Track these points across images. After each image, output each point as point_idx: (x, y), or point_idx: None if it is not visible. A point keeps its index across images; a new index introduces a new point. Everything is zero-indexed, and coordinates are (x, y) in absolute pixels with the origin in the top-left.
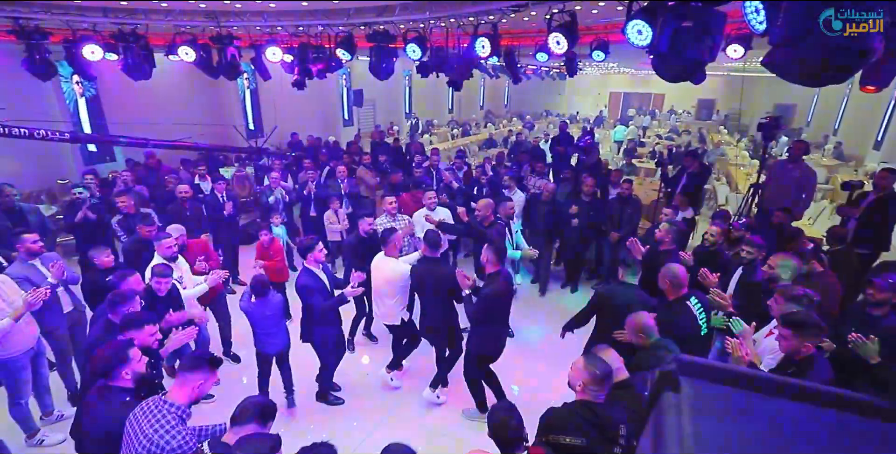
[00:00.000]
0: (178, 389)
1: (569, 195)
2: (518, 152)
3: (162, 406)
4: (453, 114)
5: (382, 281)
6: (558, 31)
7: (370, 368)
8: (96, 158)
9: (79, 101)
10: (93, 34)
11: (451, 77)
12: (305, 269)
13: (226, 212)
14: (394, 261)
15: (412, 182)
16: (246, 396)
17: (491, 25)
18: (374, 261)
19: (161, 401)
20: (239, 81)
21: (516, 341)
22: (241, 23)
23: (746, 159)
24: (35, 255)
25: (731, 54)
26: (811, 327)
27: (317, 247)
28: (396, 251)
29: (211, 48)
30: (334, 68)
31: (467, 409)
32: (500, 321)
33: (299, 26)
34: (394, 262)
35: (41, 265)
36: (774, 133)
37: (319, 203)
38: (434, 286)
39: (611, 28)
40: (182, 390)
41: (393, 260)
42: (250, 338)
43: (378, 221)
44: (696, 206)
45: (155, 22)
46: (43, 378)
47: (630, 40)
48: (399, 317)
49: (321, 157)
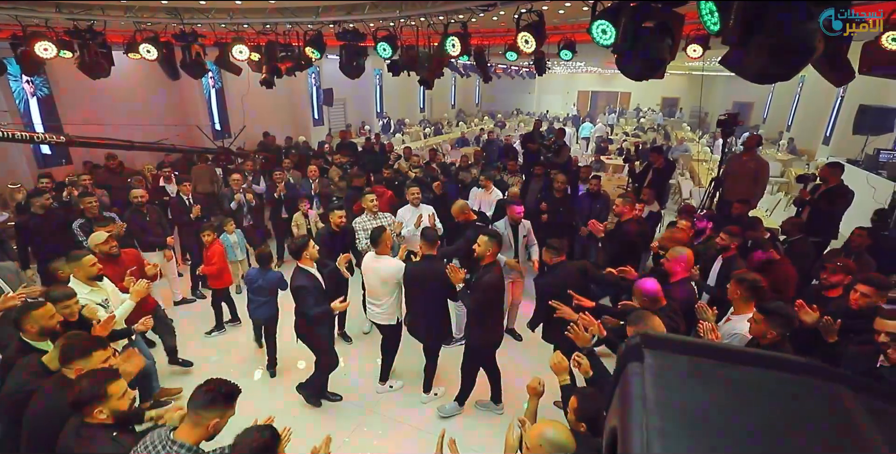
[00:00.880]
0: (190, 428)
1: (540, 192)
2: (490, 150)
3: (171, 447)
4: (425, 113)
5: (378, 281)
6: (526, 30)
7: (348, 369)
8: (51, 161)
9: (30, 100)
10: (45, 30)
11: (422, 75)
12: (300, 269)
13: (192, 215)
14: (389, 258)
15: (384, 181)
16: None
17: (461, 24)
18: (366, 261)
19: (169, 441)
20: (204, 80)
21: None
22: (206, 20)
23: (708, 155)
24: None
25: (691, 54)
26: (780, 317)
27: (309, 245)
28: (389, 249)
29: (174, 46)
30: (304, 67)
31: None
32: (498, 312)
33: (266, 24)
34: (389, 260)
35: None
36: (733, 129)
37: (290, 204)
38: (431, 284)
39: (577, 28)
40: (195, 429)
41: (388, 258)
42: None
43: (358, 220)
44: (663, 200)
45: (113, 18)
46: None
47: (595, 40)
48: (396, 317)
49: (292, 157)
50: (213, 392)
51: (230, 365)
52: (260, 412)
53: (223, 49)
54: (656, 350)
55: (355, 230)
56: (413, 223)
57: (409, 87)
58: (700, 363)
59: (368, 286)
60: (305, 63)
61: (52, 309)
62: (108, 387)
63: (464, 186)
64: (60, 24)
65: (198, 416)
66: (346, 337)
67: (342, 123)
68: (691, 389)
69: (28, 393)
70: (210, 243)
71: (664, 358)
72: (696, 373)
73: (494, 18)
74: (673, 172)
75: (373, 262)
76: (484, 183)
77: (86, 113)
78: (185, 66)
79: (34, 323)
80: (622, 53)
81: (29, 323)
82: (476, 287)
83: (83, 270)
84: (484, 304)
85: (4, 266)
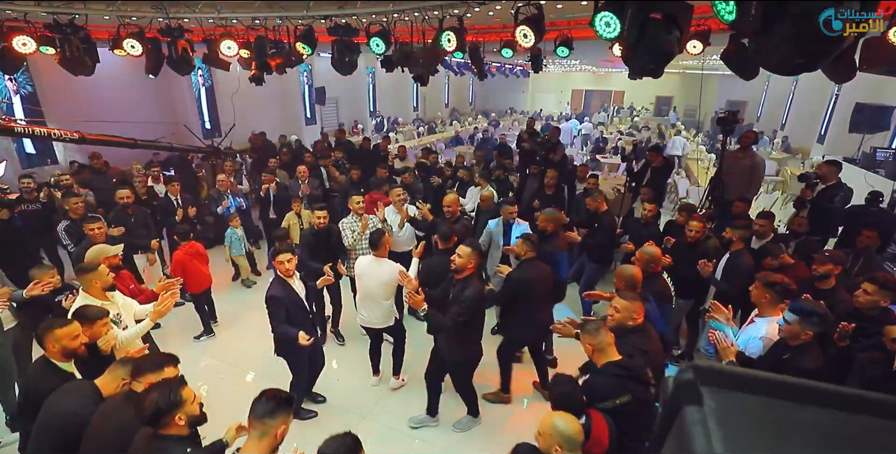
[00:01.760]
0: (257, 441)
1: (535, 191)
2: (485, 149)
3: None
4: (418, 112)
5: (377, 284)
6: (525, 23)
7: (340, 373)
8: (36, 161)
9: (13, 97)
10: (24, 25)
11: (416, 72)
12: (277, 278)
13: (178, 217)
14: (388, 262)
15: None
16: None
17: (456, 19)
18: (362, 266)
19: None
20: (193, 78)
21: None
22: (193, 15)
23: (703, 153)
24: None
25: (691, 50)
26: (818, 316)
27: (280, 257)
28: (387, 252)
29: (160, 42)
30: (294, 63)
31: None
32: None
33: (255, 19)
34: (389, 264)
35: None
36: (733, 127)
37: (279, 205)
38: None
39: (574, 24)
40: (262, 441)
41: (387, 261)
42: None
43: (345, 221)
44: (660, 199)
45: (95, 12)
46: None
47: (598, 33)
48: (393, 318)
49: (282, 155)
50: (274, 399)
51: (221, 369)
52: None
53: (211, 45)
54: (715, 387)
55: (341, 229)
56: (398, 223)
57: (403, 85)
58: (773, 404)
59: (365, 291)
60: (296, 59)
61: (78, 328)
62: (182, 393)
63: (461, 185)
64: (40, 18)
65: (264, 426)
66: (338, 335)
67: (335, 122)
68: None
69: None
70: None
71: (728, 399)
72: (771, 419)
73: (490, 13)
74: (671, 171)
75: (372, 266)
76: (479, 182)
77: (71, 111)
78: (172, 63)
79: (56, 342)
80: (627, 46)
81: (50, 341)
82: (455, 301)
83: (100, 280)
84: (465, 320)
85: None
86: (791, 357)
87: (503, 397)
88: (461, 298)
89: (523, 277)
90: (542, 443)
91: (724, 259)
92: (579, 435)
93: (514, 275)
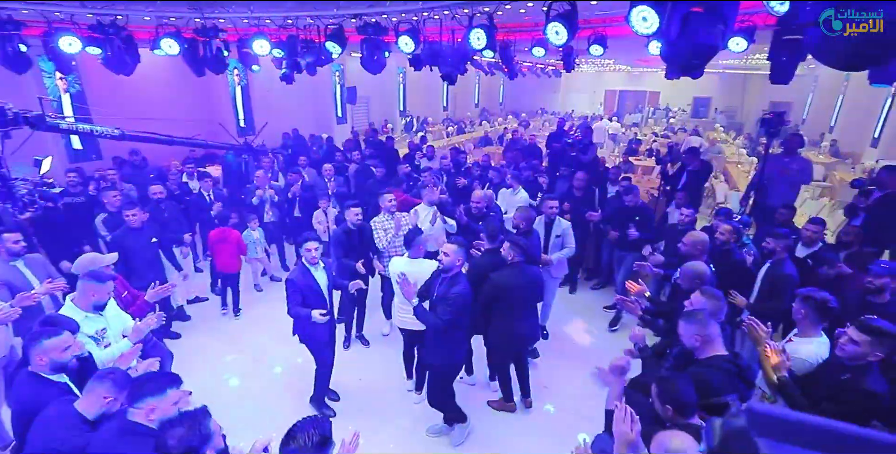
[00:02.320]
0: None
1: (564, 192)
2: (514, 150)
3: None
4: (448, 111)
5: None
6: (557, 20)
7: (364, 373)
8: (82, 156)
9: (62, 96)
10: (70, 26)
11: (445, 70)
12: (301, 265)
13: (213, 211)
14: (427, 262)
15: (395, 181)
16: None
17: (486, 17)
18: (397, 266)
19: None
20: (229, 77)
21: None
22: (227, 14)
23: (744, 156)
24: (17, 256)
25: (734, 48)
26: (892, 338)
27: (307, 245)
28: (422, 253)
29: (196, 41)
30: (324, 62)
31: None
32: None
33: (287, 18)
34: (427, 264)
35: (24, 267)
36: (778, 129)
37: (305, 203)
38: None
39: (609, 21)
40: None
41: (426, 261)
42: None
43: (376, 220)
44: (697, 204)
45: (135, 12)
46: None
47: (634, 28)
48: None
49: (313, 154)
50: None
51: (247, 362)
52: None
53: (244, 44)
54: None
55: (373, 229)
56: (428, 220)
57: (433, 85)
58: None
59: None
60: (326, 58)
61: (69, 339)
62: (210, 425)
63: (492, 185)
64: (85, 19)
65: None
66: (363, 340)
67: (365, 121)
68: None
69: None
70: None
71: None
72: None
73: (521, 11)
74: (709, 175)
75: (407, 267)
76: (511, 183)
77: (115, 109)
78: (207, 62)
79: (44, 354)
80: (667, 42)
81: (38, 354)
82: (442, 300)
83: (98, 295)
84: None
85: (33, 258)
86: (852, 378)
87: (507, 406)
88: (448, 297)
89: (503, 283)
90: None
91: (764, 269)
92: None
93: (495, 280)
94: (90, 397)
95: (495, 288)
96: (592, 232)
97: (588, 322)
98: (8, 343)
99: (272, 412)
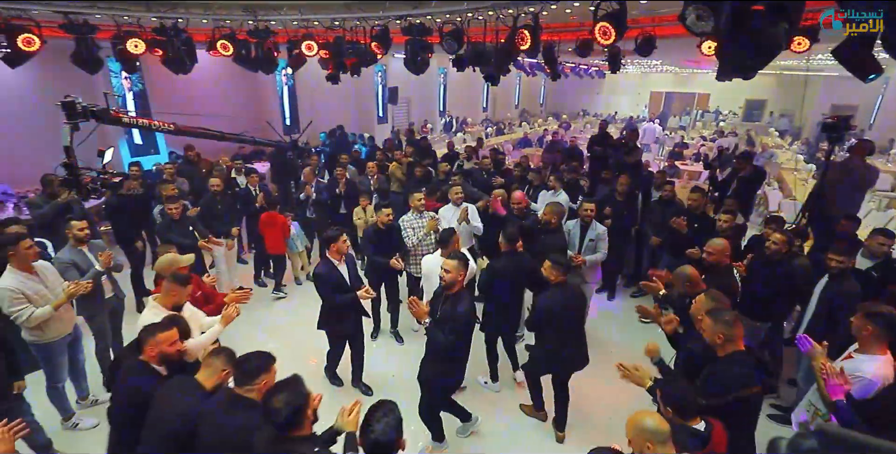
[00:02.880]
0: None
1: (606, 197)
2: (553, 152)
3: None
4: (487, 112)
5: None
6: (605, 20)
7: (397, 370)
8: (142, 151)
9: (126, 94)
10: (137, 29)
11: (488, 71)
12: (325, 259)
13: (257, 204)
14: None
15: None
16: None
17: (532, 17)
18: (431, 265)
19: None
20: (277, 77)
21: None
22: (278, 16)
23: (801, 163)
24: (82, 242)
25: (795, 48)
26: None
27: (340, 238)
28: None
29: (249, 43)
30: (369, 63)
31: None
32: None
33: (335, 20)
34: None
35: (88, 252)
36: (842, 134)
37: (349, 199)
38: (520, 277)
39: (658, 20)
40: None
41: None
42: None
43: (405, 218)
44: (747, 211)
45: (195, 16)
46: (79, 363)
47: (688, 27)
48: None
49: (354, 152)
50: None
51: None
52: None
53: (293, 46)
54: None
55: (402, 228)
56: (455, 221)
57: (473, 86)
58: None
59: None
60: (370, 59)
61: (175, 334)
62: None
63: (532, 188)
64: (150, 23)
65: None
66: (398, 337)
67: (405, 121)
68: None
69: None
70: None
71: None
72: None
73: (567, 11)
74: (762, 181)
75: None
76: (552, 184)
77: (172, 107)
78: (258, 62)
79: (156, 346)
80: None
81: (151, 345)
82: (449, 319)
83: (179, 296)
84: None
85: (96, 243)
86: None
87: (538, 414)
88: (455, 316)
89: (550, 305)
90: (634, 447)
91: (822, 284)
92: (663, 425)
93: (542, 304)
94: (208, 370)
95: (545, 311)
96: (633, 238)
97: (626, 330)
98: (72, 321)
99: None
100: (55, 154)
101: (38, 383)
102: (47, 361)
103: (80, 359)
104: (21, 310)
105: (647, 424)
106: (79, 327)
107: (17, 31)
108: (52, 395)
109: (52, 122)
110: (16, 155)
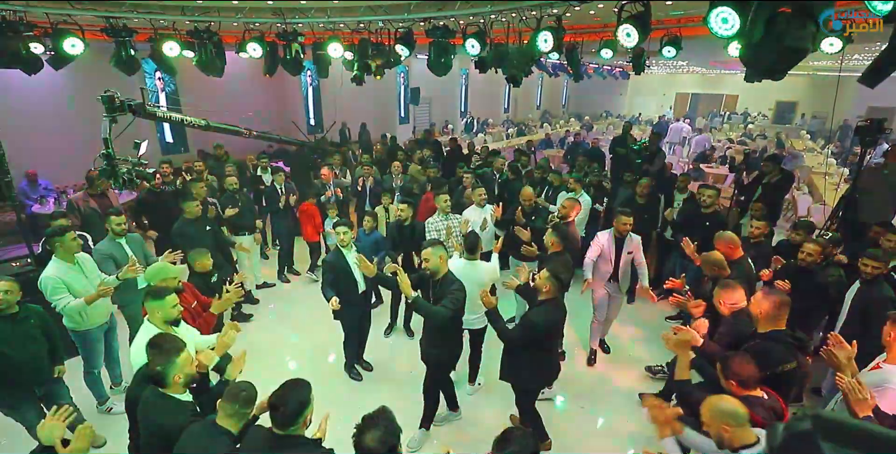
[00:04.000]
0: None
1: (627, 199)
2: (575, 154)
3: None
4: (509, 113)
5: (474, 286)
6: (629, 22)
7: (414, 366)
8: (173, 148)
9: (160, 95)
10: (172, 32)
11: (510, 73)
12: (336, 248)
13: (281, 204)
14: (482, 262)
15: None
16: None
17: (555, 18)
18: (457, 269)
19: None
20: (302, 78)
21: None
22: (306, 19)
23: (832, 167)
24: (121, 235)
25: (827, 49)
26: None
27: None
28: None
29: (276, 45)
30: (393, 64)
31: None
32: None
33: (360, 22)
34: (483, 264)
35: (125, 244)
36: (877, 138)
37: (374, 198)
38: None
39: (684, 21)
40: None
41: (481, 262)
42: None
43: (430, 221)
44: (774, 217)
45: (227, 19)
46: (114, 350)
47: (713, 30)
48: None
49: (376, 151)
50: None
51: (306, 348)
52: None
53: (319, 47)
54: (842, 446)
55: (426, 229)
56: (480, 223)
57: (495, 86)
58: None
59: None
60: (394, 61)
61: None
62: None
63: (552, 189)
64: (184, 26)
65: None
66: (409, 331)
67: (427, 122)
68: None
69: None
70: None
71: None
72: None
73: (591, 12)
74: (790, 186)
75: (467, 268)
76: (573, 187)
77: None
78: (285, 64)
79: (181, 371)
80: (750, 45)
81: (177, 373)
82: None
83: (163, 312)
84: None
85: (133, 236)
86: None
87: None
88: (450, 291)
89: (541, 322)
90: (712, 430)
91: (853, 290)
92: (740, 408)
93: (534, 320)
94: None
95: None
96: (655, 241)
97: (647, 332)
98: (109, 310)
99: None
100: (93, 152)
101: (74, 369)
102: (85, 348)
103: (115, 347)
104: (60, 299)
105: (723, 407)
106: (114, 316)
107: (64, 35)
108: (89, 381)
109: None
110: (55, 152)
